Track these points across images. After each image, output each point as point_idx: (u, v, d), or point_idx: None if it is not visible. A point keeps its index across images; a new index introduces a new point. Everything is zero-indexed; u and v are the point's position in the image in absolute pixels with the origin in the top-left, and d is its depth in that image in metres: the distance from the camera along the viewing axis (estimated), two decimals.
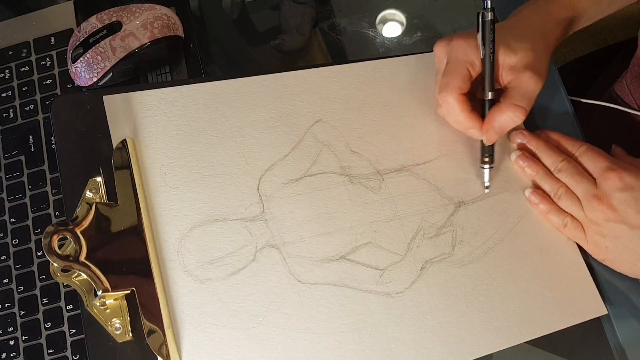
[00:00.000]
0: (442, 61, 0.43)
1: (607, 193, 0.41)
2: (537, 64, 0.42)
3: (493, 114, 0.42)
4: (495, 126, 0.42)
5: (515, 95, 0.41)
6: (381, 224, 0.43)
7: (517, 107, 0.41)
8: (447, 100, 0.42)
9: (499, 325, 0.41)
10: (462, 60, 0.42)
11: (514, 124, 0.41)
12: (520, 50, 0.41)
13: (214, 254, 0.40)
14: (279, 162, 0.43)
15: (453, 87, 0.41)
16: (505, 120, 0.41)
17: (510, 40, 0.42)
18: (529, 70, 0.41)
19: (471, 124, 0.42)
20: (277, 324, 0.39)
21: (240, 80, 0.45)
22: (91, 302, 0.37)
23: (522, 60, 0.41)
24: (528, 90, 0.41)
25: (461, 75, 0.41)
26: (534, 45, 0.42)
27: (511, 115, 0.41)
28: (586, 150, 0.43)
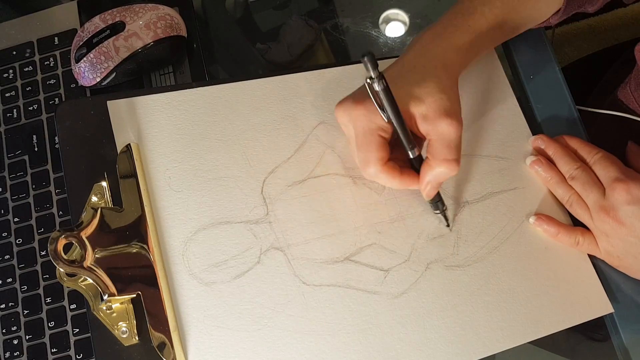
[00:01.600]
0: (349, 128, 0.40)
1: (614, 205, 0.40)
2: (449, 106, 0.39)
3: (426, 173, 0.39)
4: (432, 183, 0.40)
5: (440, 149, 0.38)
6: (385, 225, 0.43)
7: (448, 161, 0.38)
8: (375, 176, 0.40)
9: (505, 324, 0.41)
10: (369, 129, 0.39)
11: (450, 175, 0.39)
12: (426, 96, 0.38)
13: (219, 257, 0.40)
14: (282, 165, 0.43)
15: (374, 161, 0.39)
16: (440, 176, 0.39)
17: (413, 87, 0.39)
18: (445, 117, 0.38)
19: (406, 184, 0.40)
20: (283, 326, 0.39)
21: (243, 83, 0.45)
22: (97, 306, 0.37)
23: (432, 106, 0.38)
24: (451, 139, 0.38)
25: (376, 146, 0.39)
26: (438, 84, 0.39)
27: (444, 170, 0.39)
28: (600, 159, 0.43)
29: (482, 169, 0.46)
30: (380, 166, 0.39)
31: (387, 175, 0.39)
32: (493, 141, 0.47)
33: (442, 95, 0.39)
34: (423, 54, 0.41)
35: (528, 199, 0.45)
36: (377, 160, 0.39)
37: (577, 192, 0.43)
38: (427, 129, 0.39)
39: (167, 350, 0.37)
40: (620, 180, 0.41)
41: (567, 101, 0.49)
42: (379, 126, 0.39)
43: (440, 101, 0.38)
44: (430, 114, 0.38)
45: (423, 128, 0.39)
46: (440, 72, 0.40)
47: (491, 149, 0.47)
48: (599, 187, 0.42)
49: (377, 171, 0.39)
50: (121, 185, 0.40)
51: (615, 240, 0.41)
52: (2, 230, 0.48)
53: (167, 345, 0.37)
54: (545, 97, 0.42)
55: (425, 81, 0.39)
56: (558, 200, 0.45)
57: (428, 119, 0.39)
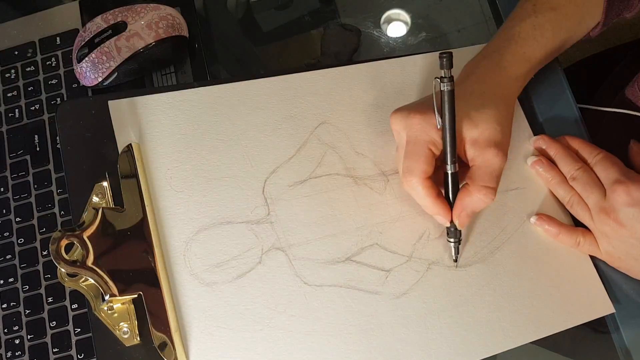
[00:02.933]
0: (401, 136, 0.41)
1: (615, 207, 0.40)
2: (501, 137, 0.39)
3: (463, 199, 0.39)
4: (467, 210, 0.40)
5: (482, 176, 0.39)
6: (386, 225, 0.43)
7: (487, 189, 0.39)
8: (413, 187, 0.40)
9: (506, 325, 0.41)
10: (422, 140, 0.39)
11: (485, 205, 0.39)
12: (481, 122, 0.39)
13: (220, 257, 0.40)
14: (283, 165, 0.43)
15: (417, 172, 0.39)
16: (476, 203, 0.39)
17: (471, 110, 0.39)
18: (493, 147, 0.39)
19: (437, 210, 0.40)
20: (284, 326, 0.39)
21: (245, 83, 0.45)
22: (99, 306, 0.37)
23: (483, 134, 0.39)
24: (494, 169, 0.39)
25: (423, 158, 0.39)
26: (496, 114, 0.39)
27: (482, 197, 0.39)
28: (601, 159, 0.43)
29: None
30: (422, 179, 0.39)
31: (426, 191, 0.39)
32: None
33: (497, 126, 0.39)
34: (483, 81, 0.42)
35: (529, 200, 0.45)
36: (421, 171, 0.39)
37: (578, 192, 0.43)
38: (474, 155, 0.39)
39: (169, 350, 0.37)
40: (621, 182, 0.40)
41: (568, 101, 0.49)
42: (431, 139, 0.39)
43: (494, 131, 0.39)
44: (481, 140, 0.39)
45: (470, 153, 0.40)
46: (499, 102, 0.40)
47: None
48: (599, 188, 0.42)
49: (417, 183, 0.39)
50: (122, 186, 0.40)
51: (615, 241, 0.41)
52: (4, 230, 0.48)
53: (168, 345, 0.37)
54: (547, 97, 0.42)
55: (484, 107, 0.40)
56: (559, 200, 0.45)
57: (477, 145, 0.39)
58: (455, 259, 0.42)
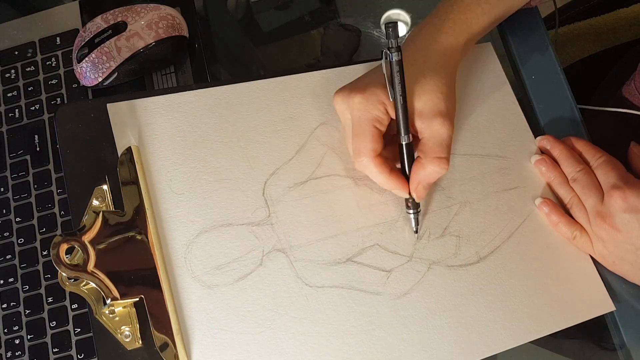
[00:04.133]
0: (345, 116, 0.41)
1: (611, 212, 0.40)
2: (444, 103, 0.39)
3: (417, 172, 0.40)
4: (423, 183, 0.40)
5: (433, 147, 0.39)
6: (387, 225, 0.43)
7: (439, 160, 0.39)
8: (365, 165, 0.40)
9: (508, 324, 0.41)
10: (366, 119, 0.39)
11: (439, 175, 0.40)
12: (424, 94, 0.39)
13: (221, 260, 0.40)
14: (283, 166, 0.43)
15: (366, 151, 0.39)
16: (430, 175, 0.40)
17: (412, 83, 0.39)
18: (439, 117, 0.39)
19: (393, 185, 0.40)
20: (286, 328, 0.39)
21: (244, 84, 0.45)
22: (100, 310, 0.37)
23: (427, 104, 0.39)
24: (443, 138, 0.39)
25: (370, 136, 0.39)
26: (437, 83, 0.40)
27: (435, 168, 0.39)
28: (602, 163, 0.43)
29: (482, 169, 0.46)
30: (372, 157, 0.39)
31: (378, 168, 0.40)
32: (493, 141, 0.47)
33: (439, 94, 0.39)
34: (423, 49, 0.41)
35: (529, 199, 0.45)
36: (370, 150, 0.39)
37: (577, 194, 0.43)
38: (422, 127, 0.40)
39: (171, 353, 0.37)
40: (618, 187, 0.40)
41: (568, 101, 0.49)
42: (375, 117, 0.39)
43: (437, 100, 0.39)
44: (425, 111, 0.39)
45: (417, 125, 0.40)
46: (440, 70, 0.40)
47: (491, 149, 0.47)
48: (598, 192, 0.42)
49: (369, 162, 0.39)
50: (122, 189, 0.40)
51: (610, 246, 0.41)
52: (4, 230, 0.48)
53: (170, 348, 0.37)
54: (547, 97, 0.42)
55: (425, 78, 0.40)
56: (558, 200, 0.45)
57: (423, 117, 0.39)
58: (415, 230, 0.42)
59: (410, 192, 0.41)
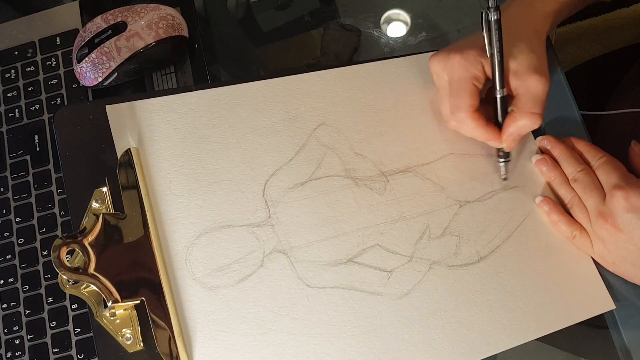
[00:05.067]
0: (442, 77, 0.43)
1: (613, 212, 0.40)
2: (538, 64, 0.42)
3: (509, 124, 0.42)
4: (514, 134, 0.43)
5: (526, 103, 0.41)
6: (387, 225, 0.43)
7: (532, 114, 0.41)
8: (462, 120, 0.42)
9: (508, 323, 0.41)
10: (465, 77, 0.42)
11: (531, 129, 0.42)
12: (519, 54, 0.42)
13: (222, 261, 0.40)
14: (283, 167, 0.43)
15: (465, 106, 0.42)
16: (522, 128, 0.42)
17: (507, 45, 0.42)
18: (534, 74, 0.41)
19: (489, 136, 0.43)
20: (287, 329, 0.39)
21: (243, 85, 0.45)
22: (101, 313, 0.37)
23: (523, 63, 0.42)
24: (538, 94, 0.41)
25: (469, 93, 0.42)
26: (530, 45, 0.42)
27: (527, 122, 0.42)
28: (603, 163, 0.43)
29: (483, 169, 0.46)
30: (470, 112, 0.42)
31: (475, 122, 0.42)
32: None
33: (532, 54, 0.42)
34: (514, 20, 0.44)
35: (529, 198, 0.45)
36: (468, 106, 0.42)
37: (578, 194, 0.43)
38: (516, 84, 0.42)
39: (172, 356, 0.37)
40: (620, 187, 0.40)
41: (569, 101, 0.49)
42: (473, 75, 0.42)
43: (531, 59, 0.42)
44: (520, 70, 0.42)
45: (513, 83, 0.42)
46: (531, 36, 0.43)
47: (491, 148, 0.47)
48: (599, 192, 0.42)
49: (466, 117, 0.42)
50: (122, 191, 0.40)
51: (611, 246, 0.41)
52: (4, 230, 0.48)
53: (171, 351, 0.37)
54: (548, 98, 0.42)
55: (518, 41, 0.42)
56: (559, 199, 0.45)
57: (518, 75, 0.42)
58: (504, 177, 0.45)
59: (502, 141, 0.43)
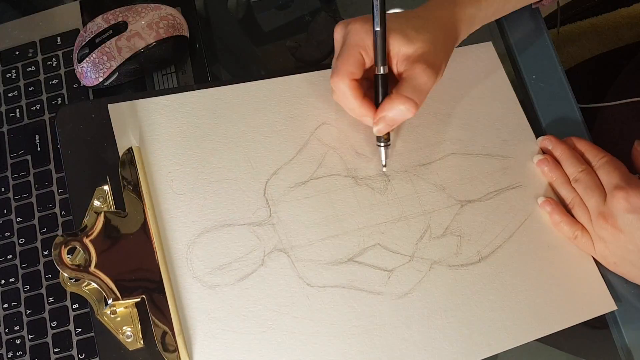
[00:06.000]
0: (338, 43, 0.42)
1: (614, 213, 0.40)
2: (433, 57, 0.40)
3: (384, 105, 0.40)
4: (387, 118, 0.41)
5: (407, 87, 0.40)
6: (388, 225, 0.43)
7: (408, 100, 0.39)
8: (338, 86, 0.40)
9: (509, 323, 0.41)
10: (355, 44, 0.40)
11: (405, 116, 0.40)
12: (417, 41, 0.40)
13: (223, 260, 0.40)
14: (284, 166, 0.43)
15: (344, 72, 0.40)
16: (396, 113, 0.40)
17: (409, 30, 0.40)
18: (423, 63, 0.40)
19: (363, 111, 0.41)
20: (287, 328, 0.39)
21: (244, 85, 0.45)
22: (102, 310, 0.37)
23: (417, 51, 0.40)
24: (420, 83, 0.40)
25: (353, 60, 0.40)
26: (434, 37, 0.41)
27: (402, 107, 0.40)
28: (604, 163, 0.43)
29: (483, 168, 0.46)
30: (348, 80, 0.40)
31: (350, 91, 0.40)
32: (494, 140, 0.47)
33: (431, 46, 0.41)
34: (431, 11, 0.43)
35: (530, 198, 0.45)
36: (348, 72, 0.40)
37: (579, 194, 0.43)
38: (403, 69, 0.41)
39: (173, 354, 0.37)
40: (621, 187, 0.40)
41: (569, 101, 0.49)
42: (364, 44, 0.40)
43: (428, 50, 0.40)
44: (413, 56, 0.40)
45: (401, 67, 0.41)
46: (438, 32, 0.42)
47: (493, 148, 0.47)
48: (600, 192, 0.42)
49: (343, 83, 0.40)
50: (123, 189, 0.40)
51: (612, 246, 0.41)
52: (5, 230, 0.48)
53: (172, 349, 0.37)
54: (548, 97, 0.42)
55: (423, 30, 0.41)
56: (560, 200, 0.45)
57: (408, 61, 0.40)
58: (384, 164, 0.44)
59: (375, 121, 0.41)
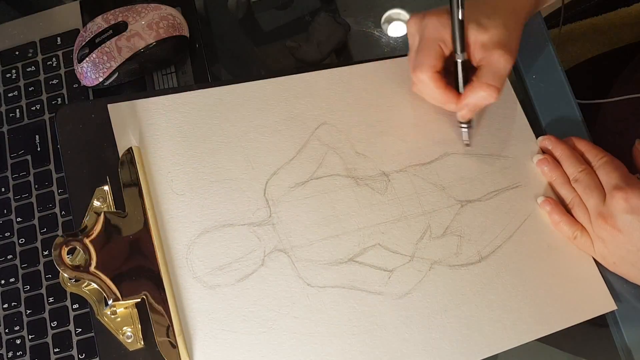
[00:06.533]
0: (415, 38, 0.44)
1: (613, 213, 0.40)
2: (508, 41, 0.42)
3: (467, 92, 0.42)
4: (470, 104, 0.42)
5: (487, 74, 0.41)
6: (388, 225, 0.43)
7: (490, 87, 0.41)
8: (421, 79, 0.42)
9: (509, 323, 0.41)
10: (434, 38, 0.42)
11: (488, 102, 0.42)
12: (491, 28, 0.42)
13: (223, 260, 0.40)
14: (284, 166, 0.43)
15: (427, 65, 0.42)
16: (479, 99, 0.42)
17: (480, 17, 0.42)
18: (500, 49, 0.41)
19: (446, 98, 0.43)
20: (287, 328, 0.39)
21: (244, 85, 0.45)
22: (102, 311, 0.37)
23: (492, 38, 0.41)
24: (499, 68, 0.41)
25: (434, 53, 0.42)
26: (505, 22, 0.42)
27: (484, 94, 0.41)
28: (604, 163, 0.43)
29: (483, 168, 0.46)
30: (431, 72, 0.42)
31: (434, 83, 0.42)
32: (494, 140, 0.47)
33: (504, 30, 0.42)
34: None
35: (530, 198, 0.45)
36: (431, 66, 0.42)
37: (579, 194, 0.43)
38: (481, 56, 0.42)
39: (173, 354, 0.37)
40: (620, 188, 0.40)
41: (569, 101, 0.49)
42: (442, 37, 0.42)
43: (502, 35, 0.42)
44: (488, 43, 0.42)
45: (478, 55, 0.42)
46: (508, 14, 0.43)
47: (492, 148, 0.47)
48: (599, 193, 0.42)
49: (427, 76, 0.42)
50: (123, 189, 0.40)
51: (612, 246, 0.41)
52: (5, 230, 0.48)
53: (172, 349, 0.37)
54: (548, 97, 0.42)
55: (494, 15, 0.42)
56: (560, 199, 0.45)
57: (485, 47, 0.42)
58: (467, 143, 0.46)
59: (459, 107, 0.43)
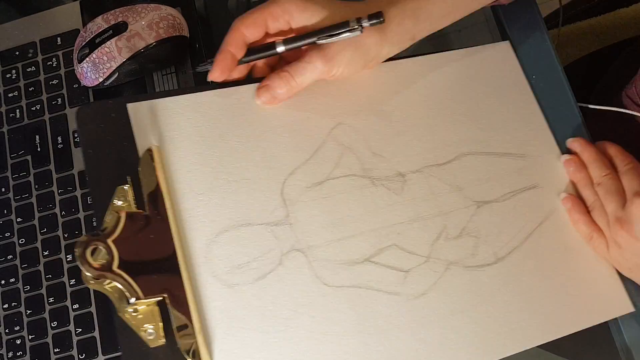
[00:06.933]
0: None
1: (630, 219, 0.40)
2: None
3: None
4: None
5: None
6: (404, 225, 0.43)
7: None
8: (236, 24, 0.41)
9: (525, 324, 0.41)
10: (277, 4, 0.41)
11: None
12: None
13: (241, 259, 0.40)
14: (301, 166, 0.43)
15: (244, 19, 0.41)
16: None
17: None
18: None
19: None
20: (305, 327, 0.39)
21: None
22: (124, 309, 0.38)
23: None
24: None
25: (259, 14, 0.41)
26: None
27: None
28: (628, 169, 0.43)
29: (500, 169, 0.46)
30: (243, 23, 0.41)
31: None
32: (512, 140, 0.47)
33: None
34: None
35: (547, 199, 0.45)
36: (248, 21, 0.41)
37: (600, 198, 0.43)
38: None
39: (193, 351, 0.37)
40: None
41: (570, 101, 0.49)
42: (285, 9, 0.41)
43: None
44: None
45: None
46: None
47: (510, 148, 0.46)
48: (620, 198, 0.42)
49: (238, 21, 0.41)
50: (143, 189, 0.40)
51: (628, 253, 0.41)
52: (5, 231, 0.48)
53: (192, 346, 0.37)
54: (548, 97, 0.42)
55: None
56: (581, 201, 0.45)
57: None
58: None
59: None
